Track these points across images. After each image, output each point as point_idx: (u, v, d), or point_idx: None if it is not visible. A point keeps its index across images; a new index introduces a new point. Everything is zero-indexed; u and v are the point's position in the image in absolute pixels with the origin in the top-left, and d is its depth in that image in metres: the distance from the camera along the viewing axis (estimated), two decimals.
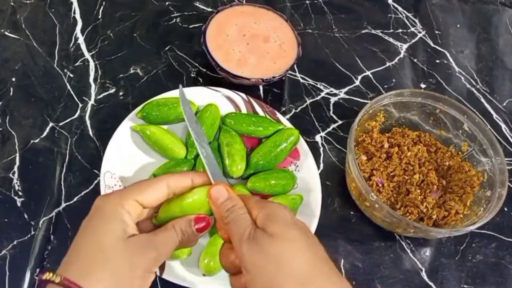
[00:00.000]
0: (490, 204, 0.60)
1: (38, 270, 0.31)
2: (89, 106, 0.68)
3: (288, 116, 0.72)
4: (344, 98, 0.75)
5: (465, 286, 0.62)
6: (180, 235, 0.41)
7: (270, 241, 0.37)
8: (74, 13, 0.77)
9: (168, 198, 0.43)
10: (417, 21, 0.87)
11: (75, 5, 0.78)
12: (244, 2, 0.83)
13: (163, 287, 0.56)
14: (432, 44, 0.84)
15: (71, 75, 0.71)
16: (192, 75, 0.74)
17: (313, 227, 0.59)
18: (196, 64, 0.75)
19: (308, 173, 0.64)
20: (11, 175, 0.62)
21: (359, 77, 0.78)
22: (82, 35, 0.75)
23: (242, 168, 0.62)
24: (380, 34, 0.84)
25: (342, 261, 0.62)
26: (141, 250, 0.39)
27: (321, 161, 0.69)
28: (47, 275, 0.36)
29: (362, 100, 0.75)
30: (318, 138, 0.71)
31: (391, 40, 0.84)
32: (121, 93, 0.70)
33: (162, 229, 0.41)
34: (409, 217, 0.61)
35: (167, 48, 0.76)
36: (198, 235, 0.42)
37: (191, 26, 0.79)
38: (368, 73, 0.79)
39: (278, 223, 0.38)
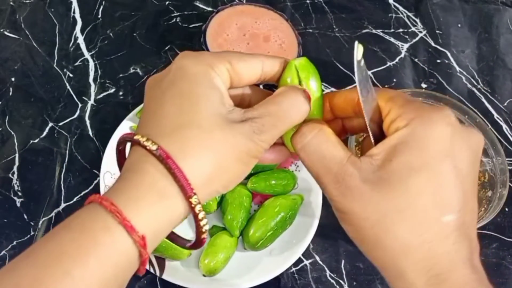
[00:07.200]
0: (491, 205, 0.59)
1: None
2: (89, 106, 0.68)
3: None
4: None
5: None
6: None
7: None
8: (74, 12, 0.77)
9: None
10: (418, 20, 0.87)
11: (75, 4, 0.78)
12: (244, 1, 0.83)
13: (163, 287, 0.56)
14: (433, 44, 0.84)
15: (71, 75, 0.71)
16: None
17: (313, 228, 0.59)
18: None
19: (308, 173, 0.63)
20: (10, 175, 0.62)
21: None
22: (82, 35, 0.75)
23: None
24: (381, 33, 0.84)
25: (343, 261, 0.61)
26: None
27: None
28: (140, 137, 0.29)
29: None
30: None
31: (392, 39, 0.83)
32: (121, 93, 0.70)
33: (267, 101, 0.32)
34: None
35: (167, 48, 0.75)
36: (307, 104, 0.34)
37: (191, 26, 0.79)
38: (368, 72, 0.79)
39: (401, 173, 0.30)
